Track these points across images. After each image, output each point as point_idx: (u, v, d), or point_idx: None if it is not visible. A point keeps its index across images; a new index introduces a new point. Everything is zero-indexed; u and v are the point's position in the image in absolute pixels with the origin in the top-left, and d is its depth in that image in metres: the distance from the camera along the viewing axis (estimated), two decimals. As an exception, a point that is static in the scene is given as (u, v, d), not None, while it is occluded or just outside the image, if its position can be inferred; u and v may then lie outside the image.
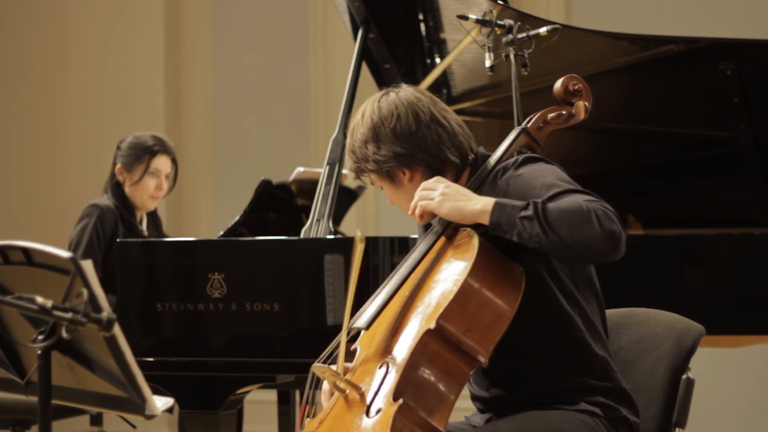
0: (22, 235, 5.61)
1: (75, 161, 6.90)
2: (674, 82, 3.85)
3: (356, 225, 6.48)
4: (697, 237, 3.69)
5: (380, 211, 6.64)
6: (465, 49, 4.07)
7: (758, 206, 3.97)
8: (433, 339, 2.25)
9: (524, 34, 3.43)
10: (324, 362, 2.45)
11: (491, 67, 3.47)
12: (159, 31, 6.85)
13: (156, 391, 2.42)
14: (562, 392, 2.41)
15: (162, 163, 4.65)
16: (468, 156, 2.56)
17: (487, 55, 3.46)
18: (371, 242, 3.41)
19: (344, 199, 5.12)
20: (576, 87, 2.60)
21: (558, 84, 2.60)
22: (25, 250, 2.06)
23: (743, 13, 5.91)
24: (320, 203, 3.58)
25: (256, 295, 3.30)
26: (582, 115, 2.61)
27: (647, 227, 4.22)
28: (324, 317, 3.25)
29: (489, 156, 2.56)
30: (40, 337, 2.04)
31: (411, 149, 2.52)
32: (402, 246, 3.39)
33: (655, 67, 3.82)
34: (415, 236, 3.36)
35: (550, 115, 2.60)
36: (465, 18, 3.51)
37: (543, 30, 3.42)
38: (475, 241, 2.34)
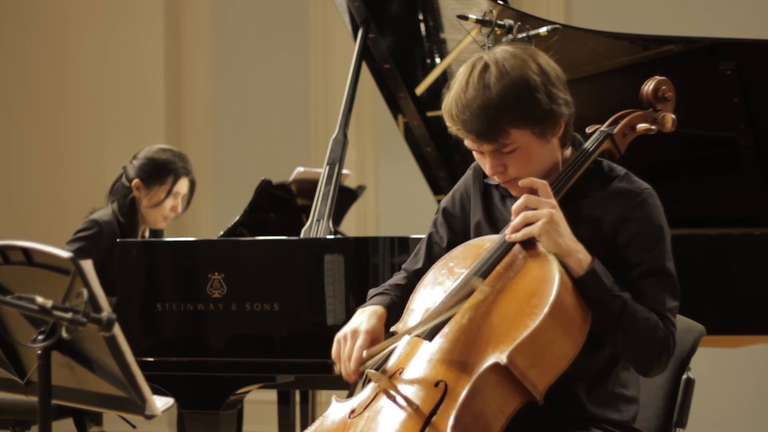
0: (22, 235, 5.60)
1: (75, 161, 6.90)
2: (674, 82, 3.84)
3: (356, 225, 6.48)
4: (696, 237, 3.69)
5: (380, 211, 6.64)
6: (465, 49, 4.07)
7: (758, 206, 3.97)
8: (498, 371, 2.19)
9: (524, 34, 3.43)
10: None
11: (491, 67, 3.46)
12: (159, 31, 6.85)
13: (156, 391, 2.42)
14: (575, 419, 2.38)
15: (184, 185, 4.42)
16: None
17: (487, 55, 3.46)
18: (371, 242, 3.41)
19: (344, 199, 5.12)
20: (666, 94, 2.51)
21: (649, 86, 2.51)
22: (25, 250, 2.06)
23: (743, 13, 5.92)
24: (320, 203, 3.57)
25: (256, 295, 3.29)
26: (669, 127, 2.51)
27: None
28: (324, 317, 3.25)
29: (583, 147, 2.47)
30: (40, 337, 2.04)
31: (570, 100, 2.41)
32: (402, 246, 3.39)
33: (655, 67, 3.80)
34: (416, 236, 3.36)
35: (639, 125, 2.50)
36: (465, 18, 3.51)
37: (543, 30, 3.42)
38: (557, 272, 2.26)
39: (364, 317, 2.45)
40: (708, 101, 3.88)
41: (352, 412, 2.29)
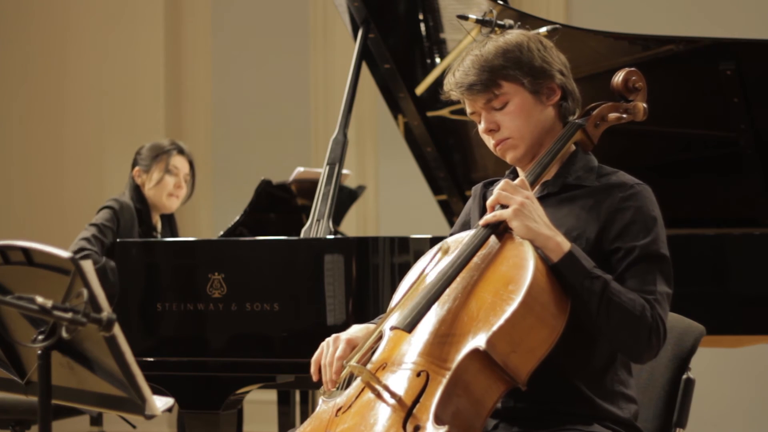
0: (22, 235, 5.60)
1: (75, 161, 6.90)
2: (674, 82, 3.85)
3: (356, 225, 6.48)
4: (696, 237, 3.69)
5: (380, 211, 6.64)
6: (465, 49, 4.07)
7: (758, 206, 3.97)
8: (479, 358, 2.20)
9: (524, 34, 3.43)
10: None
11: (491, 67, 3.46)
12: (159, 31, 6.85)
13: (156, 391, 2.42)
14: (578, 415, 2.39)
15: (180, 161, 4.75)
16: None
17: (487, 55, 3.46)
18: (371, 242, 3.41)
19: (344, 199, 5.12)
20: (636, 84, 2.54)
21: (618, 77, 2.54)
22: (25, 250, 2.06)
23: (743, 13, 5.92)
24: (320, 203, 3.57)
25: (256, 295, 3.29)
26: (641, 117, 2.55)
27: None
28: (324, 317, 3.25)
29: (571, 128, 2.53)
30: (40, 337, 2.04)
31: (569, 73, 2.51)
32: (402, 246, 3.39)
33: (655, 67, 3.82)
34: (416, 236, 3.36)
35: (610, 115, 2.53)
36: (465, 18, 3.51)
37: (543, 30, 3.42)
38: (532, 258, 2.27)
39: (354, 329, 2.47)
40: (708, 101, 3.89)
41: (339, 409, 2.30)
